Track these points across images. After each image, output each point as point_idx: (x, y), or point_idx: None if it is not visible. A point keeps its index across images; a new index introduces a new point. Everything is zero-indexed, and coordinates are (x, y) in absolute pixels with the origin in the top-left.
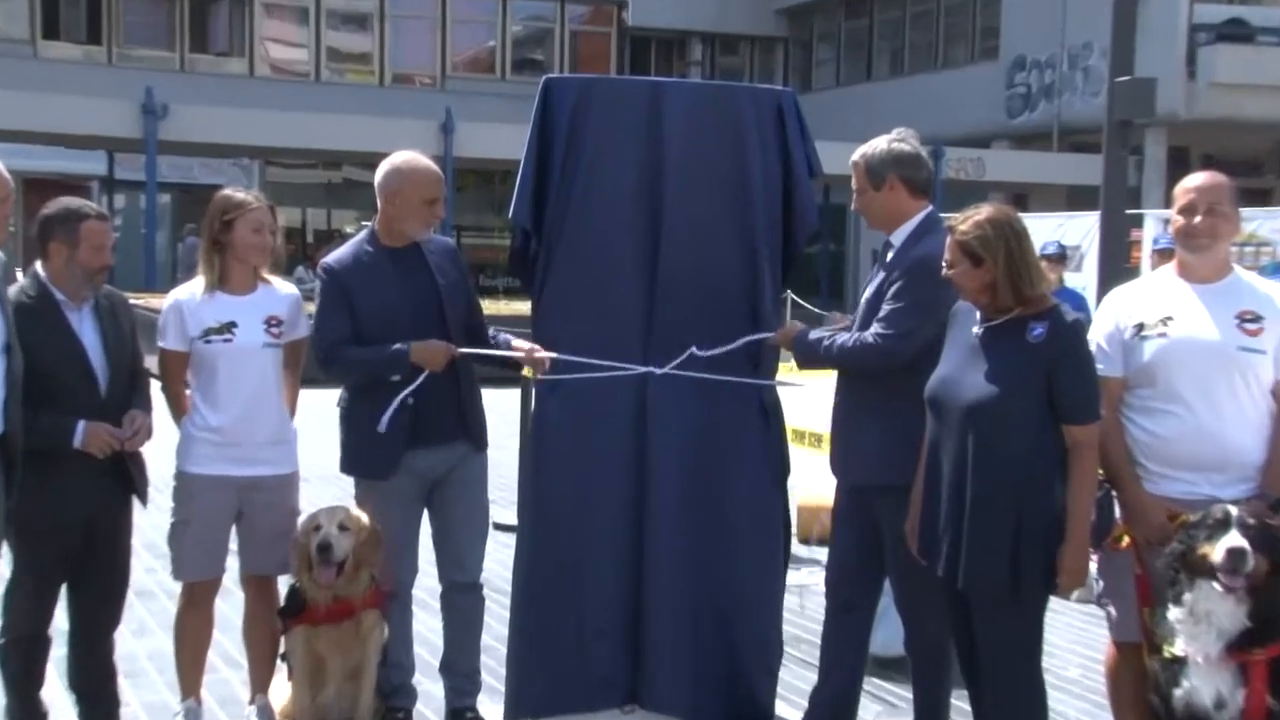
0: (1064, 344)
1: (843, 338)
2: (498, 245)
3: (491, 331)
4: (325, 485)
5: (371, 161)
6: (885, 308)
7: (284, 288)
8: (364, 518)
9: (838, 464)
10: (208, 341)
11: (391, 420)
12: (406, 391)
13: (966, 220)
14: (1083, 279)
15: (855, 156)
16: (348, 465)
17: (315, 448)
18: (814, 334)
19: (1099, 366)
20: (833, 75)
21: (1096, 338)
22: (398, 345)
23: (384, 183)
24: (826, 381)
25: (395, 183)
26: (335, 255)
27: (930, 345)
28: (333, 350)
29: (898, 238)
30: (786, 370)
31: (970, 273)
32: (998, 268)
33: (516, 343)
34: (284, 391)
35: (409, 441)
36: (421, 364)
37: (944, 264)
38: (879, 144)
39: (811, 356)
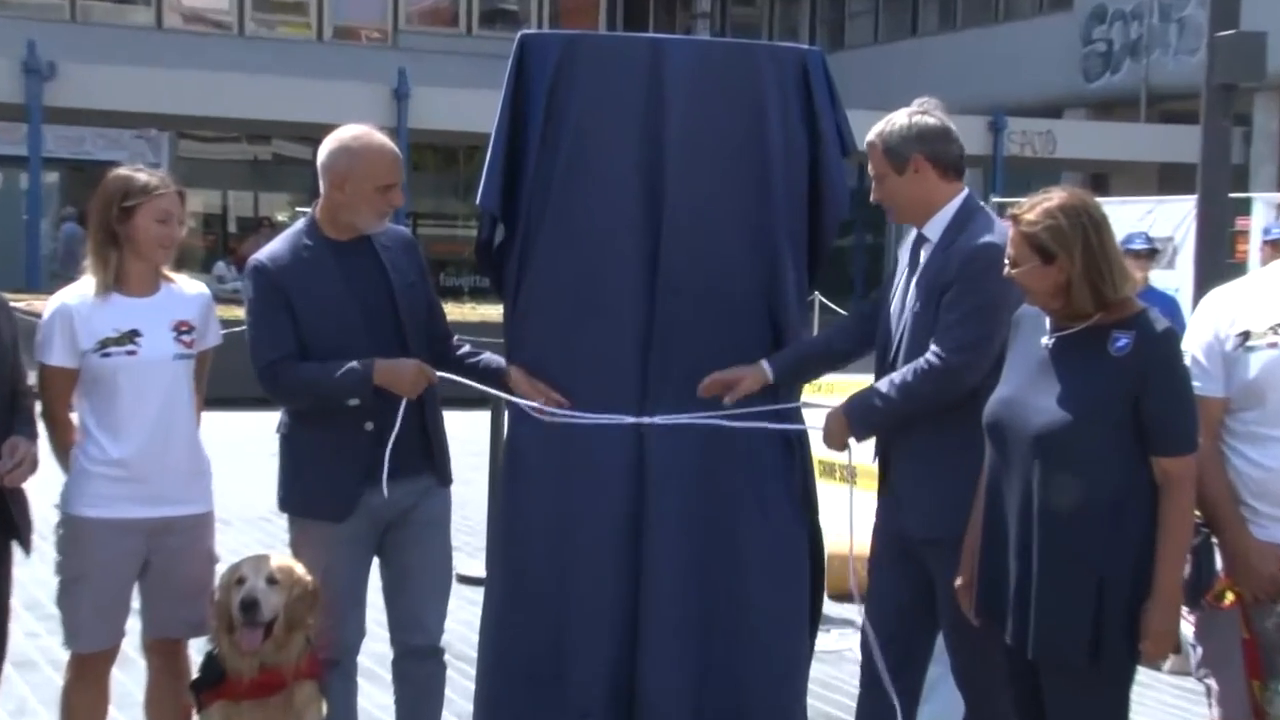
0: (1154, 357)
1: (894, 378)
2: (462, 237)
3: (468, 348)
4: (248, 529)
5: (308, 134)
6: (944, 316)
7: (191, 286)
8: (297, 569)
9: (880, 506)
10: (105, 355)
11: (358, 450)
12: (395, 428)
13: (1034, 208)
14: (1176, 278)
15: (871, 136)
16: (295, 504)
17: (232, 482)
18: (857, 397)
19: (1195, 385)
20: (870, 30)
21: (1192, 349)
22: (355, 364)
23: (330, 164)
24: None
25: (344, 164)
26: (268, 251)
27: (998, 361)
28: (276, 368)
29: (933, 230)
30: (812, 389)
31: (1039, 271)
32: (1073, 265)
33: (516, 377)
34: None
35: (368, 475)
36: (388, 388)
37: (1006, 261)
38: (897, 119)
39: (871, 420)
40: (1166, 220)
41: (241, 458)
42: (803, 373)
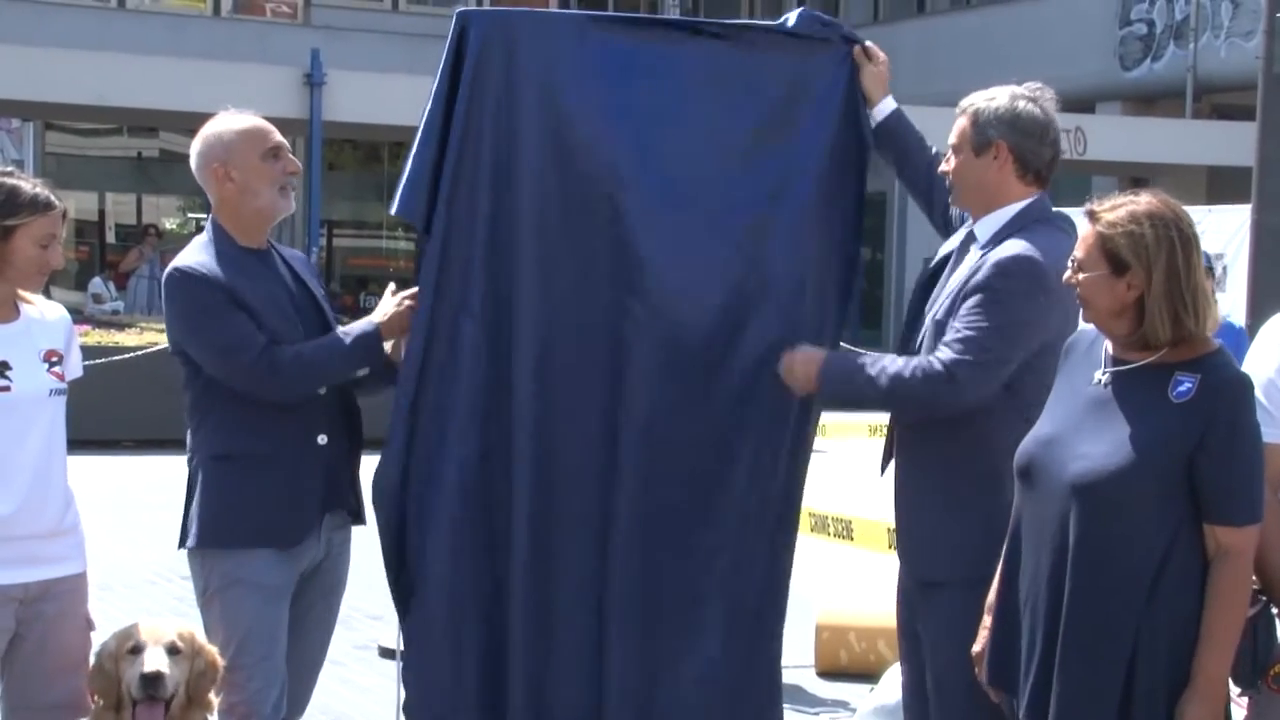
0: (1219, 409)
1: (889, 362)
2: (387, 249)
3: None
4: (131, 594)
5: (201, 126)
6: (960, 322)
7: (51, 310)
8: (199, 636)
9: (899, 551)
10: None
11: (315, 467)
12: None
13: (1116, 208)
14: (1226, 301)
15: (966, 103)
16: (242, 533)
17: (105, 539)
18: (841, 356)
19: (1265, 431)
20: (869, 7)
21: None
22: (358, 327)
23: (205, 158)
24: (860, 444)
25: (218, 150)
26: (188, 260)
27: (1016, 387)
28: (271, 356)
29: (986, 227)
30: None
31: (1106, 283)
32: (1150, 284)
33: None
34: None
35: (326, 495)
36: (392, 335)
37: (1071, 264)
38: (1000, 96)
39: (845, 389)
40: (1217, 233)
41: (119, 510)
42: (852, 390)
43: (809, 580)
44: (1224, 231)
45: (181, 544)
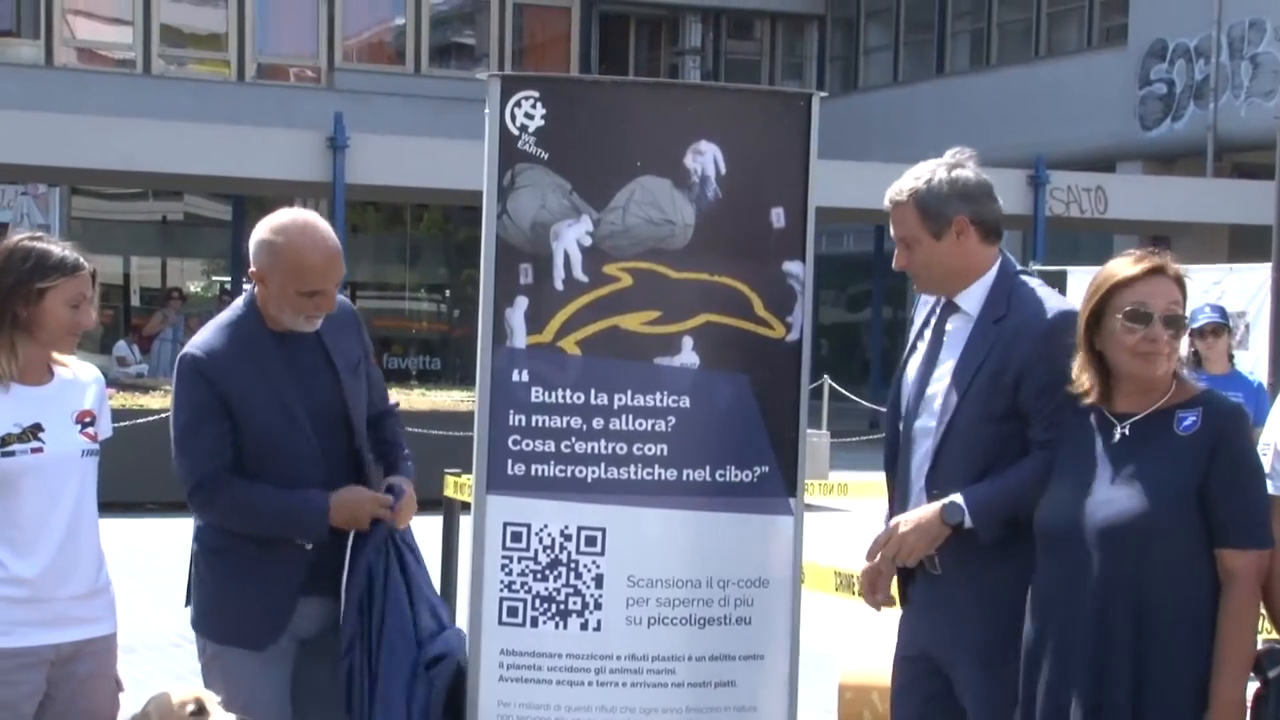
0: (1226, 436)
1: (1010, 475)
2: (409, 311)
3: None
4: (154, 655)
5: (226, 190)
6: (1037, 406)
7: (84, 371)
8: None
9: (903, 625)
10: (7, 454)
11: (292, 569)
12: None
13: (1165, 255)
14: (1249, 359)
15: (899, 194)
16: (216, 630)
17: (132, 600)
18: (966, 494)
19: (1272, 485)
20: (888, 69)
21: (1276, 442)
22: (311, 498)
23: (254, 255)
24: (884, 504)
25: (265, 260)
26: (203, 342)
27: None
28: (215, 482)
29: (970, 301)
30: (824, 490)
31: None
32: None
33: None
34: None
35: (302, 593)
36: (343, 526)
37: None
38: (934, 174)
39: (992, 513)
40: (1239, 291)
41: (143, 572)
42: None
43: (833, 639)
44: (1245, 290)
45: (187, 602)
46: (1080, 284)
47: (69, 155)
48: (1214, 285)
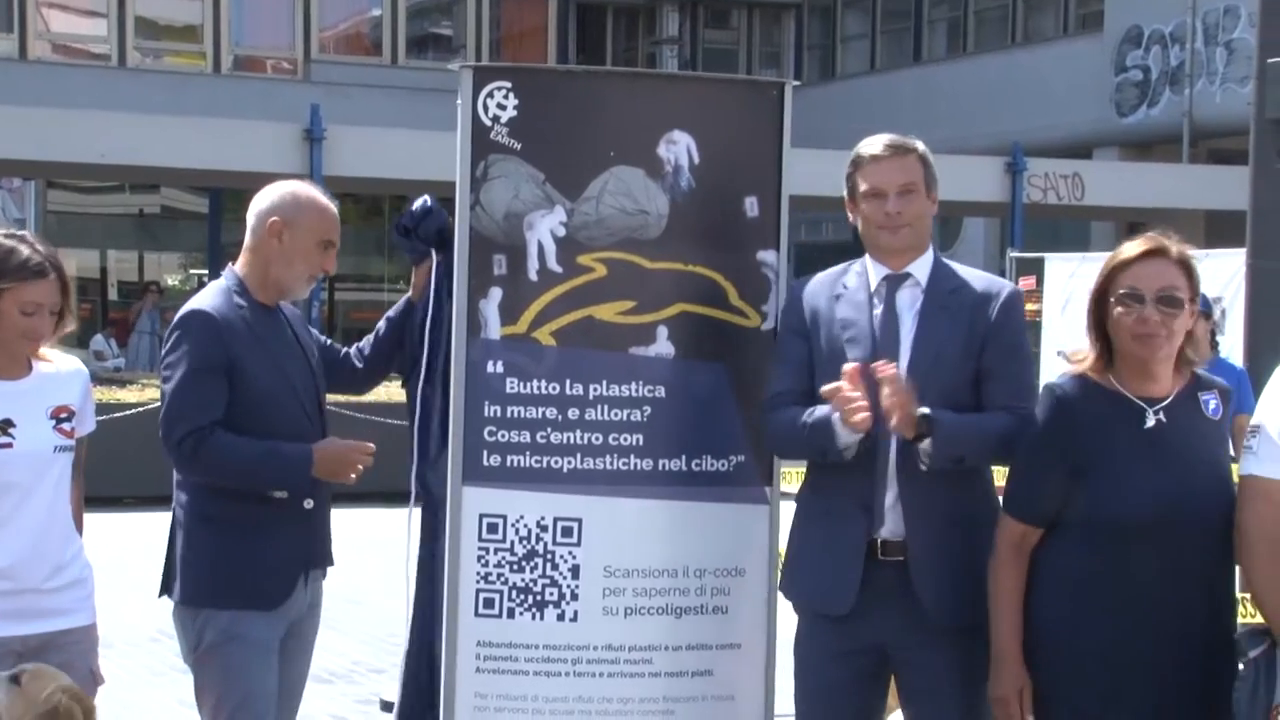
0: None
1: (988, 424)
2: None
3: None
4: (132, 651)
5: (203, 183)
6: (1005, 371)
7: (67, 364)
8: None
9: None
10: None
11: (299, 529)
12: None
13: (1172, 238)
14: (1226, 344)
15: (907, 142)
16: (231, 595)
17: (111, 595)
18: (948, 414)
19: (1271, 469)
20: (865, 57)
21: (1266, 428)
22: (296, 450)
23: (272, 208)
24: None
25: (290, 210)
26: (208, 302)
27: None
28: (203, 436)
29: (921, 269)
30: (799, 479)
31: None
32: (1194, 313)
33: None
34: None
35: (309, 558)
36: (326, 478)
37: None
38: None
39: (952, 447)
40: (1214, 277)
41: (121, 567)
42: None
43: None
44: (1221, 276)
45: (163, 593)
46: (1058, 271)
47: (44, 149)
48: None
